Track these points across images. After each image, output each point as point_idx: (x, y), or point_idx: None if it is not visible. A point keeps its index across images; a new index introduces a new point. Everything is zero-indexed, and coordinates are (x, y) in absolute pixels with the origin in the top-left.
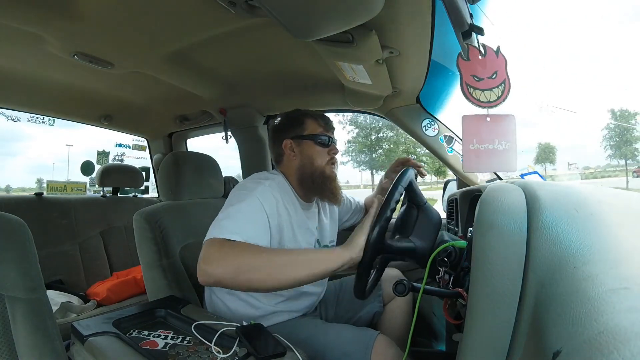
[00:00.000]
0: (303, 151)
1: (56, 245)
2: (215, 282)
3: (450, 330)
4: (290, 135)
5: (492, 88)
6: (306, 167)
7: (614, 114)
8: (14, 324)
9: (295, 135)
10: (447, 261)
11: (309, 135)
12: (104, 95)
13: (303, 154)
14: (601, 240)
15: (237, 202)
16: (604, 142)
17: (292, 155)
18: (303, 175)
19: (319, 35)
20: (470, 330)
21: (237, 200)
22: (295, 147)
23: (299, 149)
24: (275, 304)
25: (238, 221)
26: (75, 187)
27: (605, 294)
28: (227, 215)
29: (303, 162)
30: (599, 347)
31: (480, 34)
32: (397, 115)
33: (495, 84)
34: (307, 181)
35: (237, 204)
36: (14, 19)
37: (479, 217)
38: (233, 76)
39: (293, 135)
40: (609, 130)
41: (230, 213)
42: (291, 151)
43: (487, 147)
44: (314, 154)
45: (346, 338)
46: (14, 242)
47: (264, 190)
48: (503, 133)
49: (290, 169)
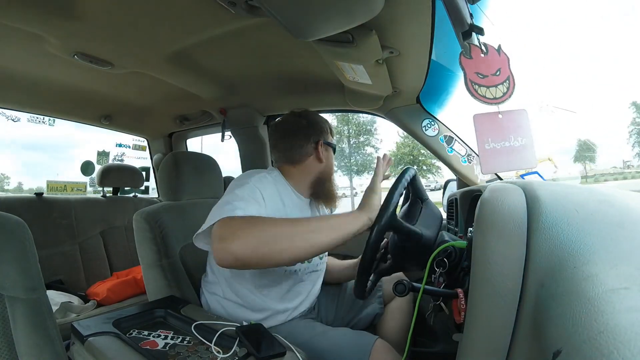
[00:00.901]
0: (328, 157)
1: (56, 245)
2: (235, 259)
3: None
4: (321, 137)
5: (497, 85)
6: (326, 172)
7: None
8: (14, 324)
9: (324, 139)
10: (445, 262)
11: (331, 143)
12: (104, 95)
13: (328, 160)
14: (601, 240)
15: (235, 188)
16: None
17: (321, 157)
18: (321, 179)
19: (319, 35)
20: (470, 330)
21: (235, 187)
22: (323, 150)
23: (326, 154)
24: (274, 306)
25: (242, 201)
26: (76, 187)
27: (605, 294)
28: (227, 199)
29: (327, 167)
30: (599, 347)
31: (480, 34)
32: (397, 115)
33: (500, 80)
34: (320, 185)
35: (236, 189)
36: (14, 19)
37: (479, 217)
38: (233, 76)
39: (323, 139)
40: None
41: (230, 198)
42: (322, 154)
43: (504, 145)
44: (332, 162)
45: (344, 343)
46: (14, 242)
47: (261, 178)
48: (517, 128)
49: (308, 170)
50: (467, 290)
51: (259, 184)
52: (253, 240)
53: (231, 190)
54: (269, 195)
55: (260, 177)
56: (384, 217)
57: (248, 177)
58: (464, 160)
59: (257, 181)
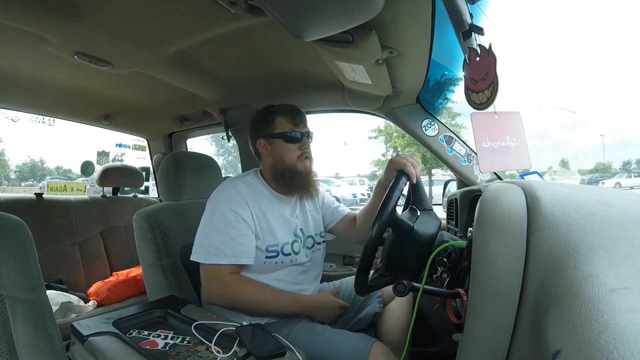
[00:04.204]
0: (274, 149)
1: (56, 245)
2: (215, 303)
3: (450, 330)
4: (262, 134)
5: (484, 90)
6: (277, 165)
7: None
8: (14, 324)
9: (267, 134)
10: (445, 261)
11: (278, 134)
12: (104, 95)
13: (274, 153)
14: (601, 240)
15: (212, 217)
16: None
17: (266, 154)
18: (275, 173)
19: (319, 35)
20: (470, 330)
21: (211, 215)
22: (267, 145)
23: (270, 147)
24: None
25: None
26: (76, 187)
27: (605, 294)
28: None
29: (274, 160)
30: (599, 347)
31: (480, 34)
32: (397, 115)
33: (486, 85)
34: (278, 178)
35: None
36: (15, 19)
37: (479, 217)
38: (233, 76)
39: (265, 134)
40: None
41: (211, 233)
42: (264, 150)
43: (500, 145)
44: (284, 152)
45: (342, 345)
46: (14, 242)
47: (232, 198)
48: (512, 130)
49: (265, 166)
50: (467, 290)
51: (233, 205)
52: (230, 302)
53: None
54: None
55: (231, 195)
56: (384, 214)
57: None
58: (464, 160)
59: (232, 203)
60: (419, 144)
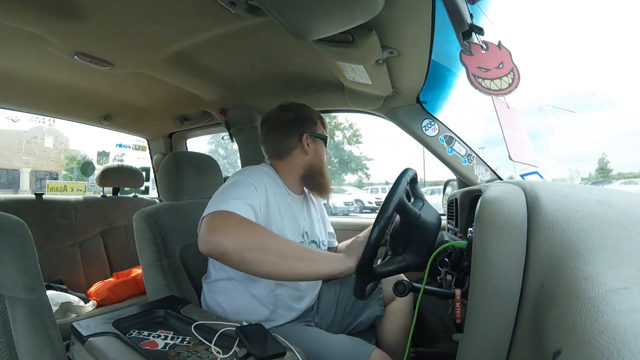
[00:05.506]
0: (316, 149)
1: (56, 245)
2: (220, 253)
3: (450, 330)
4: (307, 130)
5: (502, 77)
6: (315, 165)
7: None
8: (14, 324)
9: (311, 131)
10: (447, 261)
11: (320, 135)
12: (104, 95)
13: (316, 152)
14: (601, 240)
15: (229, 184)
16: None
17: (305, 150)
18: (310, 172)
19: (319, 35)
20: (470, 330)
21: (229, 183)
22: (310, 142)
23: (313, 145)
24: (273, 309)
25: (238, 199)
26: (76, 187)
27: (605, 294)
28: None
29: (314, 159)
30: (599, 347)
31: (480, 34)
32: (397, 116)
33: (504, 72)
34: (310, 177)
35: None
36: (15, 19)
37: (479, 217)
38: (233, 76)
39: (309, 131)
40: None
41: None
42: (305, 145)
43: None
44: (323, 154)
45: (340, 350)
46: (14, 242)
47: (253, 174)
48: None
49: (296, 162)
50: (467, 291)
51: (252, 178)
52: (242, 243)
53: (226, 187)
54: (261, 188)
55: (252, 172)
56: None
57: (242, 172)
58: (464, 160)
59: (251, 175)
60: None
